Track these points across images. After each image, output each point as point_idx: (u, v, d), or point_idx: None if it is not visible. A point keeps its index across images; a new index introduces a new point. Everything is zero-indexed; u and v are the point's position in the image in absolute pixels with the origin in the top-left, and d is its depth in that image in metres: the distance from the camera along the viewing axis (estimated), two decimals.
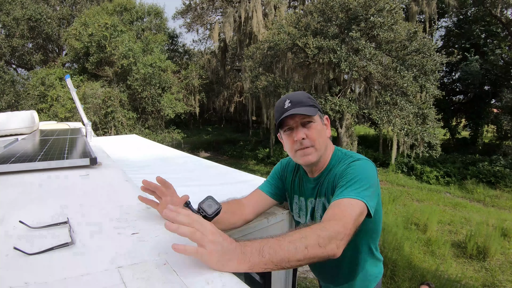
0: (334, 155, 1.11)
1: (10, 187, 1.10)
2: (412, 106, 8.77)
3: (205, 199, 0.73)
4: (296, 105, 1.05)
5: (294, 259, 0.68)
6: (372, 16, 8.22)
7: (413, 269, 4.99)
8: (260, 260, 0.64)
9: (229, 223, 1.10)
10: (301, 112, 1.02)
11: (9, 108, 12.37)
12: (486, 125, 14.10)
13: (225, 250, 0.61)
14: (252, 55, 11.38)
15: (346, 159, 1.06)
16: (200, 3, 16.26)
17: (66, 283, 0.52)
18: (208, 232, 0.61)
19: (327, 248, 0.74)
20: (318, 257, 0.72)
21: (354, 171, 0.97)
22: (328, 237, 0.75)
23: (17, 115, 2.87)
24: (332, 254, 0.75)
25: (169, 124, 14.63)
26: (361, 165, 1.00)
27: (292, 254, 0.67)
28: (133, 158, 2.77)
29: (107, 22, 11.75)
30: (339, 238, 0.77)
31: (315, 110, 1.06)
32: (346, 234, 0.80)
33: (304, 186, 1.18)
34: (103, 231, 0.74)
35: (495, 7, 11.19)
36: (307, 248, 0.70)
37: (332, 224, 0.79)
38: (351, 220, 0.83)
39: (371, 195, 0.93)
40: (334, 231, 0.77)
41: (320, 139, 1.06)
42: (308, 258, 0.70)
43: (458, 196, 9.41)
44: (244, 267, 0.62)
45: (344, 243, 0.79)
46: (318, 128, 1.06)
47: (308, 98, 1.08)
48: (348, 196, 0.90)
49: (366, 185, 0.93)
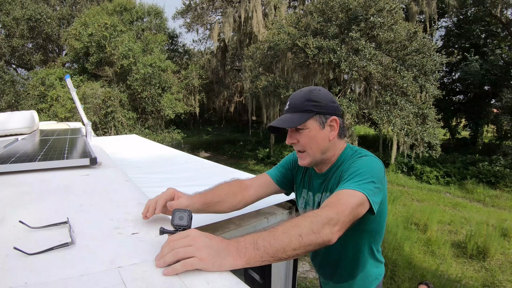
0: (344, 152, 1.10)
1: (10, 187, 1.10)
2: (412, 106, 8.77)
3: (173, 215, 0.73)
4: (290, 110, 1.05)
5: (290, 248, 0.67)
6: (372, 16, 8.22)
7: (413, 269, 4.99)
8: (255, 253, 0.63)
9: (230, 205, 1.11)
10: (282, 126, 1.03)
11: (9, 108, 12.38)
12: (486, 125, 14.10)
13: (217, 250, 0.60)
14: (252, 55, 11.39)
15: (354, 156, 1.05)
16: (200, 3, 16.26)
17: (66, 283, 0.52)
18: (192, 240, 0.60)
19: (321, 233, 0.73)
20: (313, 243, 0.72)
21: (358, 165, 0.97)
22: (321, 223, 0.74)
23: (17, 115, 2.87)
24: (327, 240, 0.74)
25: (169, 124, 14.63)
26: (367, 161, 0.99)
27: (286, 244, 0.67)
28: (133, 158, 2.77)
29: (107, 22, 11.75)
30: (332, 223, 0.76)
31: (308, 116, 1.02)
32: (340, 221, 0.78)
33: (312, 181, 1.18)
34: (103, 231, 0.74)
35: (495, 7, 11.19)
36: (301, 236, 0.69)
37: (325, 210, 0.79)
38: (347, 207, 0.81)
39: (374, 189, 0.91)
40: (326, 216, 0.76)
41: (312, 145, 1.04)
42: (303, 246, 0.70)
43: (458, 196, 9.41)
44: (240, 263, 0.62)
45: (338, 229, 0.77)
46: (310, 134, 1.03)
47: (306, 101, 1.03)
48: (348, 187, 0.89)
49: (369, 179, 0.91)
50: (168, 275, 0.56)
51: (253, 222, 1.52)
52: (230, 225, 1.45)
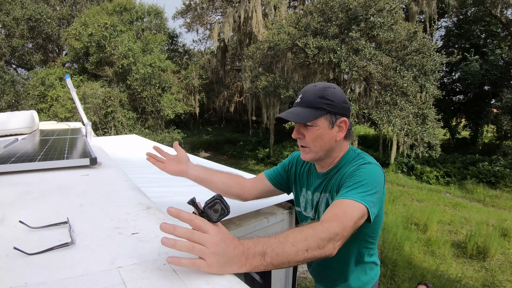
0: (346, 154, 1.10)
1: (10, 187, 1.10)
2: (412, 106, 8.78)
3: (212, 201, 0.62)
4: (302, 104, 1.04)
5: (294, 261, 0.69)
6: (372, 16, 8.23)
7: (413, 269, 4.99)
8: (261, 263, 0.64)
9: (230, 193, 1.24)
10: (291, 120, 1.02)
11: (9, 108, 12.38)
12: (486, 125, 14.11)
13: (227, 259, 0.58)
14: (252, 55, 11.39)
15: (357, 160, 1.05)
16: (200, 3, 16.26)
17: (66, 283, 0.52)
18: (210, 243, 0.57)
19: (325, 249, 0.75)
20: (316, 258, 0.74)
21: (362, 174, 0.97)
22: (327, 239, 0.76)
23: (17, 115, 2.87)
24: (329, 254, 0.77)
25: (169, 124, 14.63)
26: (371, 170, 0.99)
27: (292, 257, 0.68)
28: (133, 158, 2.77)
29: (107, 22, 11.75)
30: (336, 239, 0.78)
31: (320, 113, 1.01)
32: (343, 236, 0.81)
33: (312, 180, 1.18)
34: (103, 231, 0.74)
35: (495, 7, 11.19)
36: (308, 250, 0.71)
37: (333, 226, 0.80)
38: (351, 222, 0.84)
39: (375, 201, 0.93)
40: (333, 232, 0.78)
41: (317, 143, 1.04)
42: (306, 259, 0.72)
43: (458, 196, 9.41)
44: (243, 270, 0.62)
45: (340, 243, 0.80)
46: (318, 132, 1.03)
47: (319, 98, 1.01)
48: (352, 198, 0.89)
49: (372, 190, 0.93)
50: (171, 263, 0.55)
51: (253, 222, 1.52)
52: (230, 225, 1.45)
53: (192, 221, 0.58)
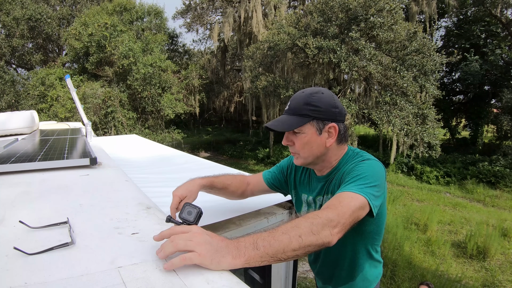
0: (345, 155, 1.10)
1: (10, 187, 1.10)
2: (412, 106, 8.78)
3: (183, 208, 0.76)
4: (289, 111, 1.04)
5: (289, 249, 0.68)
6: (372, 16, 8.22)
7: (413, 269, 4.99)
8: (255, 253, 0.63)
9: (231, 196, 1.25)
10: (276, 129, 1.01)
11: (9, 108, 12.38)
12: (486, 125, 14.10)
13: (216, 248, 0.61)
14: (252, 55, 11.39)
15: (356, 158, 1.05)
16: (200, 3, 16.26)
17: (66, 283, 0.52)
18: (192, 236, 0.61)
19: (321, 235, 0.73)
20: (313, 244, 0.72)
21: (361, 169, 0.96)
22: (321, 224, 0.74)
23: (17, 115, 2.87)
24: (327, 242, 0.75)
25: (169, 124, 14.63)
26: (370, 164, 0.99)
27: (286, 244, 0.67)
28: (133, 158, 2.77)
29: (107, 22, 11.75)
30: (331, 225, 0.76)
31: (305, 120, 1.00)
32: (340, 223, 0.78)
33: (313, 185, 1.18)
34: (103, 231, 0.74)
35: (495, 7, 11.19)
36: (301, 236, 0.70)
37: (325, 212, 0.79)
38: (348, 210, 0.81)
39: (375, 194, 0.91)
40: (326, 218, 0.76)
41: (306, 150, 1.04)
42: (303, 247, 0.70)
43: (458, 196, 9.41)
44: (239, 262, 0.62)
45: (338, 231, 0.78)
46: (305, 139, 1.02)
47: (304, 104, 1.01)
48: (349, 190, 0.89)
49: (371, 183, 0.91)
50: (168, 269, 0.57)
51: (253, 222, 1.52)
52: (230, 225, 1.45)
53: (173, 230, 0.65)
